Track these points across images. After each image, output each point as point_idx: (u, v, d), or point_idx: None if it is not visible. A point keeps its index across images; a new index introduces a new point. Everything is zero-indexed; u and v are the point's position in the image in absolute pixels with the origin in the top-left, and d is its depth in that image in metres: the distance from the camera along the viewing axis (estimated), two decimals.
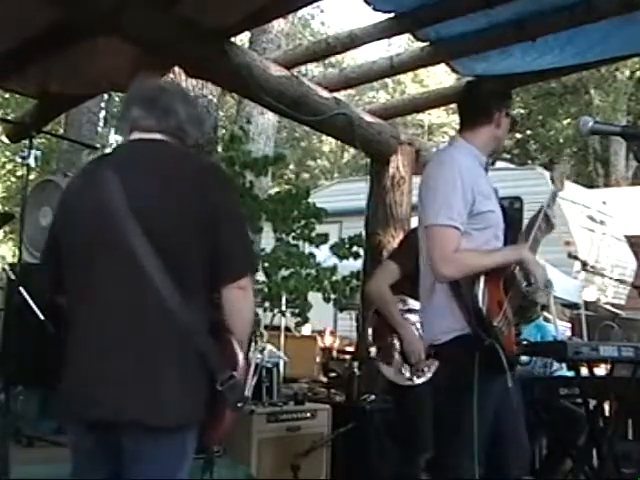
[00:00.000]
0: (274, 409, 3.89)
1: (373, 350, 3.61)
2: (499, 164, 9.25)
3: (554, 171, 2.95)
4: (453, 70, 4.84)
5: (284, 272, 5.37)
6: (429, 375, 3.28)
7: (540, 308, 4.84)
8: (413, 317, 3.43)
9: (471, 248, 2.56)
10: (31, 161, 3.17)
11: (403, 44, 17.01)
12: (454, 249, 2.50)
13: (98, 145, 8.27)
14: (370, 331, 3.69)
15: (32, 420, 3.40)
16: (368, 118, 4.82)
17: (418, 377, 3.40)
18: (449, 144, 2.87)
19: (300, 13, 18.33)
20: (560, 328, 4.98)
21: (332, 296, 5.64)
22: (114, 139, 14.57)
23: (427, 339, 2.79)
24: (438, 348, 2.64)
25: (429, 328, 2.72)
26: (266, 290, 5.23)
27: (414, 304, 3.36)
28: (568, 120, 19.23)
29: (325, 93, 4.48)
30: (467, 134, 2.71)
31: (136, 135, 2.00)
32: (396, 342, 3.49)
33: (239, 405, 1.83)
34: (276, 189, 8.80)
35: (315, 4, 10.05)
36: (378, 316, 3.57)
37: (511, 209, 8.46)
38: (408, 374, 3.42)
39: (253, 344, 4.27)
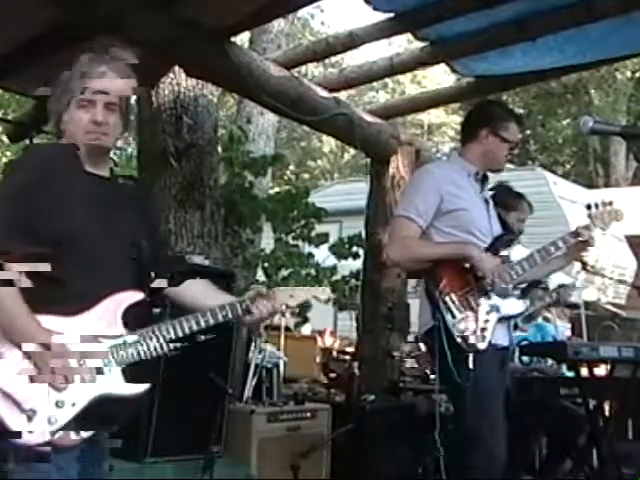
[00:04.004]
0: (274, 409, 3.89)
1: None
2: None
3: (596, 208, 2.91)
4: (453, 70, 4.83)
5: (284, 272, 5.38)
6: None
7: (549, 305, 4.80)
8: None
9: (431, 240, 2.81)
10: None
11: (403, 44, 16.98)
12: (404, 235, 2.80)
13: None
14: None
15: None
16: (368, 118, 4.82)
17: None
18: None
19: (300, 13, 18.25)
20: (560, 328, 4.98)
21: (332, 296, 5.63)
22: None
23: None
24: (422, 341, 2.91)
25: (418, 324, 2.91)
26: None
27: None
28: (568, 120, 19.23)
29: (325, 93, 4.48)
30: (461, 149, 3.06)
31: None
32: None
33: None
34: (276, 189, 8.79)
35: (315, 4, 10.04)
36: None
37: None
38: None
39: (253, 344, 4.28)
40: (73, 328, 1.90)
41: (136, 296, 1.99)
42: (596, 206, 2.91)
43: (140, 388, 1.95)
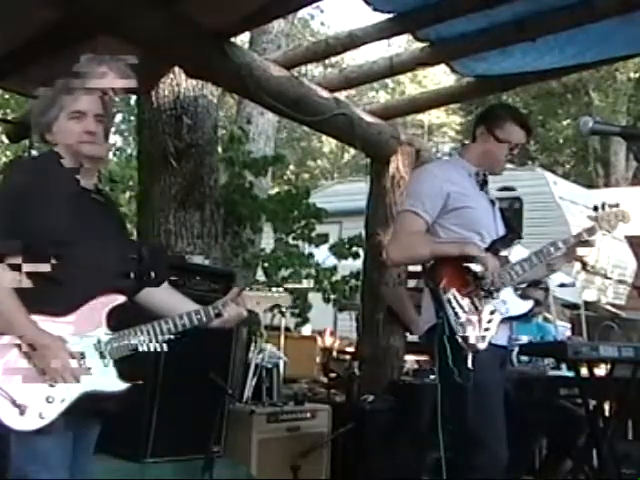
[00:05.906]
0: (274, 409, 3.89)
1: None
2: None
3: (602, 209, 2.91)
4: (453, 70, 4.83)
5: (284, 272, 5.38)
6: None
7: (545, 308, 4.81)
8: None
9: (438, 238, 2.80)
10: None
11: (403, 44, 16.98)
12: (410, 230, 2.78)
13: None
14: None
15: None
16: (368, 118, 4.81)
17: None
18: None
19: (300, 13, 18.21)
20: (560, 328, 4.98)
21: (332, 296, 5.64)
22: (113, 139, 14.55)
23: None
24: (422, 341, 2.86)
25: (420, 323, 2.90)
26: None
27: None
28: (568, 120, 19.22)
29: (325, 93, 4.48)
30: (461, 149, 3.17)
31: None
32: None
33: None
34: (276, 189, 8.79)
35: (315, 4, 10.05)
36: None
37: (510, 210, 8.48)
38: None
39: (253, 344, 4.28)
40: (63, 328, 1.95)
41: (118, 298, 2.07)
42: (602, 207, 2.90)
43: (125, 385, 2.02)
